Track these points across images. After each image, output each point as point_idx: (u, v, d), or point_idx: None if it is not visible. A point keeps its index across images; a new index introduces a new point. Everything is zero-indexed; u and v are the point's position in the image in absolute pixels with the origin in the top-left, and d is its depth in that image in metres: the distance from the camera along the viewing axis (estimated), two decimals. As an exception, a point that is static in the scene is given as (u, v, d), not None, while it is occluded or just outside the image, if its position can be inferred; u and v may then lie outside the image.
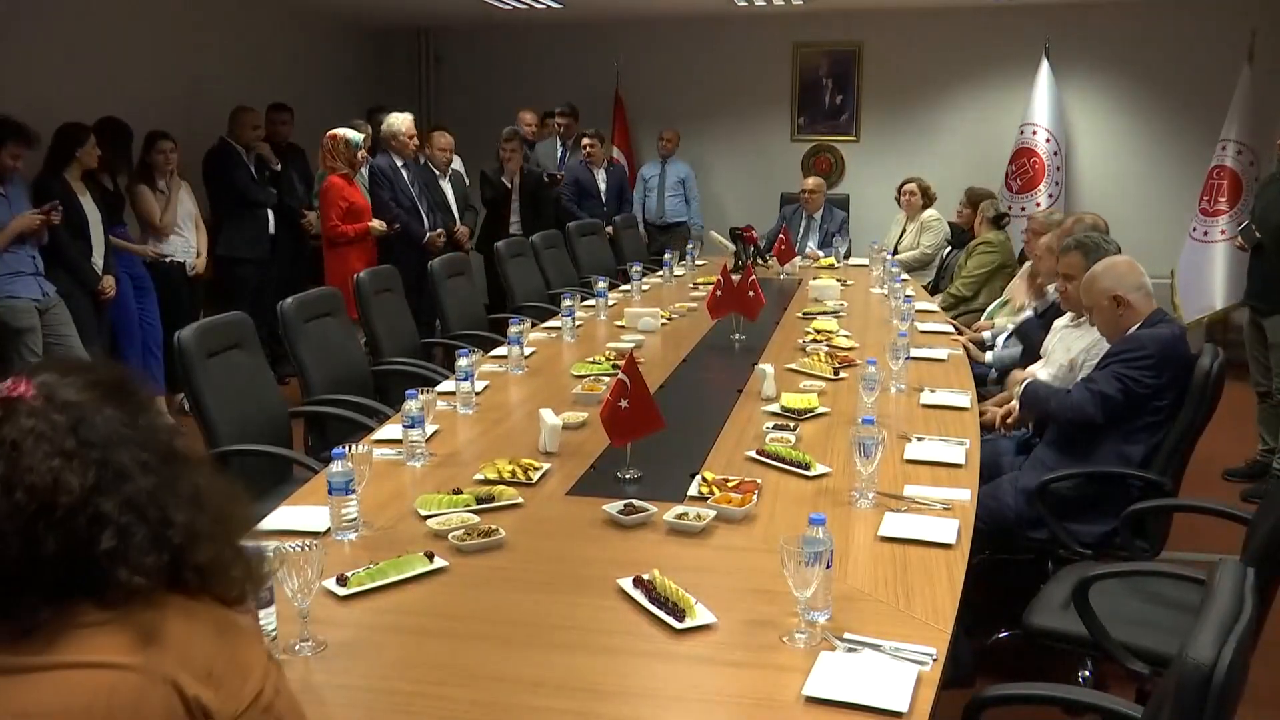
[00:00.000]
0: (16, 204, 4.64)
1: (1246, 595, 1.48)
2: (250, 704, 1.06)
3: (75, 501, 1.01)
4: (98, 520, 1.02)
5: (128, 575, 1.02)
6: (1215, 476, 4.79)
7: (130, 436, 1.07)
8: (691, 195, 8.08)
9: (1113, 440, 2.96)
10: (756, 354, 3.90)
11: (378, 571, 1.97)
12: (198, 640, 1.05)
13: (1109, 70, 7.68)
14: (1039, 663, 2.81)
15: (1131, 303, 3.01)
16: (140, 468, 1.06)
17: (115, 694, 0.99)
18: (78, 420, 1.05)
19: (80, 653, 1.00)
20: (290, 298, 3.64)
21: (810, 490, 2.47)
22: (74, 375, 1.09)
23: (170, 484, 1.08)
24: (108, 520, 1.02)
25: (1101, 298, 3.05)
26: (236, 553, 1.14)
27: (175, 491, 1.08)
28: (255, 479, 3.03)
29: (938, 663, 1.67)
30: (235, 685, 1.06)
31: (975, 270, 5.72)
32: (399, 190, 6.06)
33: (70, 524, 1.01)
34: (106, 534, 1.02)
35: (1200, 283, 6.74)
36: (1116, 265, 3.10)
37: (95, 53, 5.86)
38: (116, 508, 1.03)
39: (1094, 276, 3.10)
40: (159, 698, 1.01)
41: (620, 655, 1.74)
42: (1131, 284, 3.03)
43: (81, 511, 1.02)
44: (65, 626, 1.01)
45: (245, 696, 1.06)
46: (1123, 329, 3.03)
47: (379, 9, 8.06)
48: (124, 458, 1.05)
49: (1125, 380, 2.90)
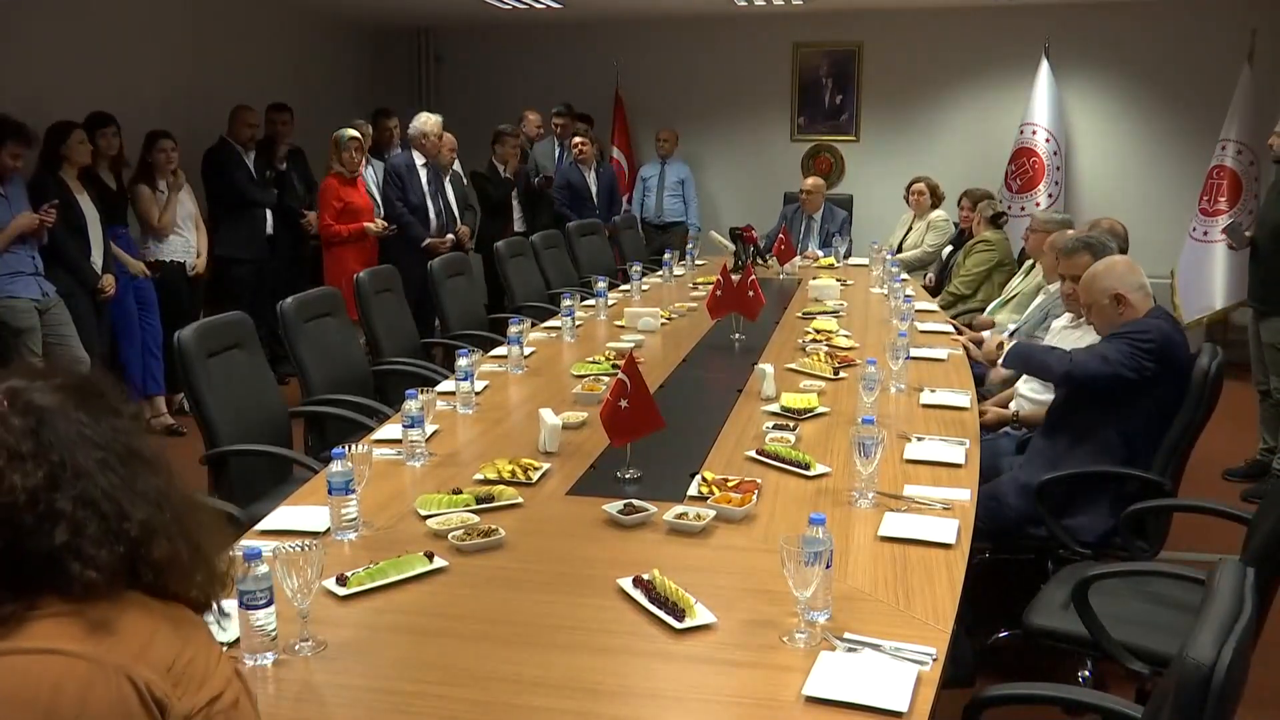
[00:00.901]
0: (16, 204, 4.64)
1: (1246, 595, 1.48)
2: (207, 704, 1.08)
3: (20, 501, 1.05)
4: (50, 516, 1.06)
5: (80, 569, 1.05)
6: (1215, 476, 4.79)
7: (92, 437, 1.11)
8: (690, 196, 8.08)
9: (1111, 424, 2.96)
10: (756, 354, 3.90)
11: (378, 571, 1.97)
12: (156, 635, 1.08)
13: (1109, 70, 7.68)
14: (1039, 663, 2.81)
15: (1132, 302, 3.02)
16: (100, 466, 1.10)
17: (62, 682, 1.01)
18: (39, 422, 1.09)
19: (33, 639, 1.03)
20: (290, 298, 3.64)
21: (810, 490, 2.47)
22: (43, 380, 1.14)
23: (130, 482, 1.12)
24: (60, 516, 1.06)
25: (1102, 296, 3.05)
26: (196, 553, 1.17)
27: (134, 489, 1.12)
28: (255, 479, 3.04)
29: (938, 663, 1.67)
30: (193, 683, 1.08)
31: (974, 269, 5.74)
32: (409, 189, 6.08)
33: (16, 521, 1.05)
34: (60, 529, 1.06)
35: (1200, 283, 6.74)
36: (1117, 264, 3.11)
37: (96, 53, 5.86)
38: (71, 504, 1.07)
39: (1095, 275, 3.10)
40: (108, 688, 1.02)
41: (620, 655, 1.74)
42: (1132, 283, 3.04)
43: (30, 510, 1.05)
44: (27, 618, 1.04)
45: (203, 696, 1.08)
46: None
47: (379, 9, 8.05)
48: (84, 458, 1.10)
49: (1130, 355, 2.90)
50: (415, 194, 6.09)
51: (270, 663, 1.68)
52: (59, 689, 1.01)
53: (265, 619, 1.67)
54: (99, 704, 1.02)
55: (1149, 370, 2.90)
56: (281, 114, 6.55)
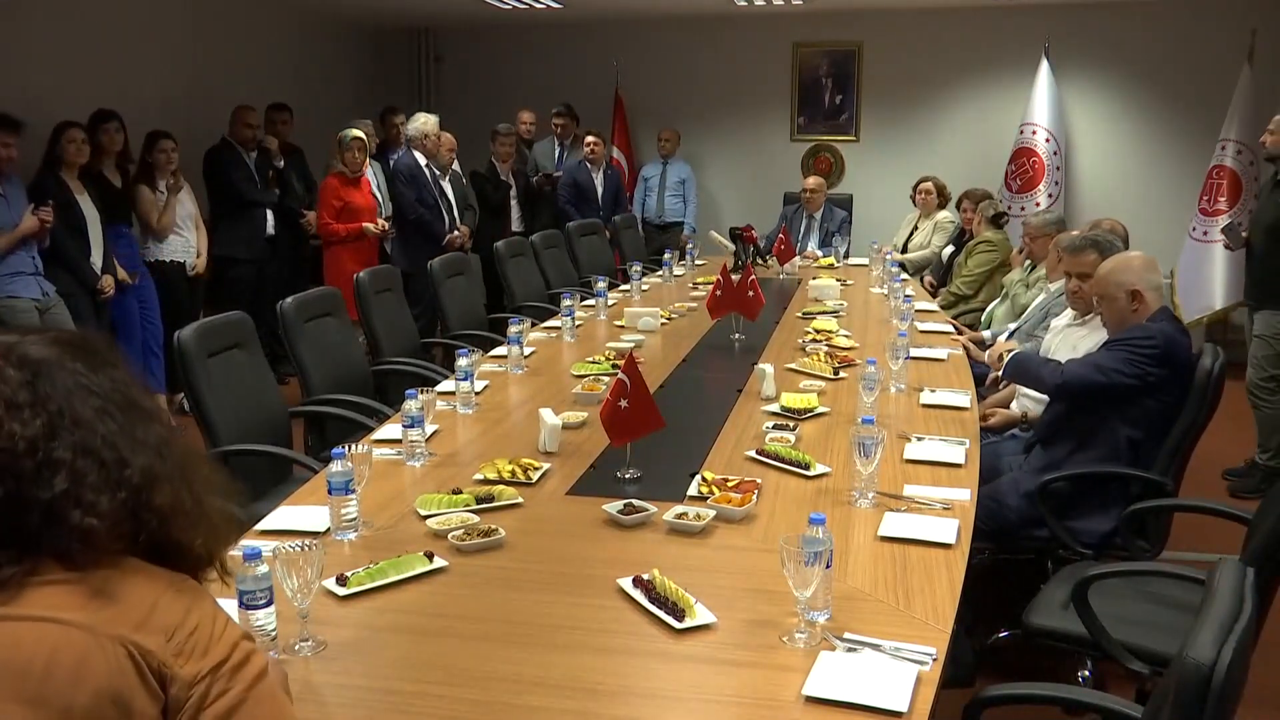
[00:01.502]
0: (15, 204, 4.64)
1: (1246, 595, 1.48)
2: (211, 670, 1.07)
3: (19, 448, 1.04)
4: (49, 465, 1.05)
5: (80, 516, 1.04)
6: (1215, 476, 4.79)
7: (89, 386, 1.10)
8: (690, 196, 8.08)
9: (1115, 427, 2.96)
10: (756, 354, 3.90)
11: (378, 571, 1.97)
12: (158, 604, 1.07)
13: (1109, 70, 7.68)
14: (1039, 663, 2.81)
15: (1147, 300, 3.03)
16: (98, 414, 1.10)
17: (58, 650, 1.00)
18: (35, 374, 1.08)
19: (31, 606, 1.02)
20: (290, 298, 3.64)
21: (810, 490, 2.47)
22: (37, 334, 1.13)
23: (129, 430, 1.11)
24: (60, 464, 1.06)
25: (1118, 290, 3.05)
26: (199, 503, 1.16)
27: (134, 437, 1.11)
28: (255, 479, 3.03)
29: (938, 662, 1.67)
30: (197, 650, 1.06)
31: (976, 269, 5.75)
32: (423, 189, 6.10)
33: (16, 468, 1.04)
34: (59, 477, 1.05)
35: (1200, 282, 6.74)
36: (1136, 261, 3.11)
37: (96, 52, 5.86)
38: (70, 451, 1.06)
39: (1114, 268, 3.10)
40: (105, 657, 1.02)
41: (620, 655, 1.74)
42: (1150, 282, 3.05)
43: (29, 457, 1.05)
44: (27, 584, 1.03)
45: (207, 663, 1.07)
46: (1130, 324, 3.04)
47: (379, 9, 8.05)
48: (82, 406, 1.09)
49: (1130, 363, 2.90)
50: (428, 193, 6.11)
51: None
52: (54, 659, 1.00)
53: (265, 619, 1.67)
54: (95, 675, 1.01)
55: (1153, 376, 2.90)
56: (281, 113, 6.57)
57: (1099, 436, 2.98)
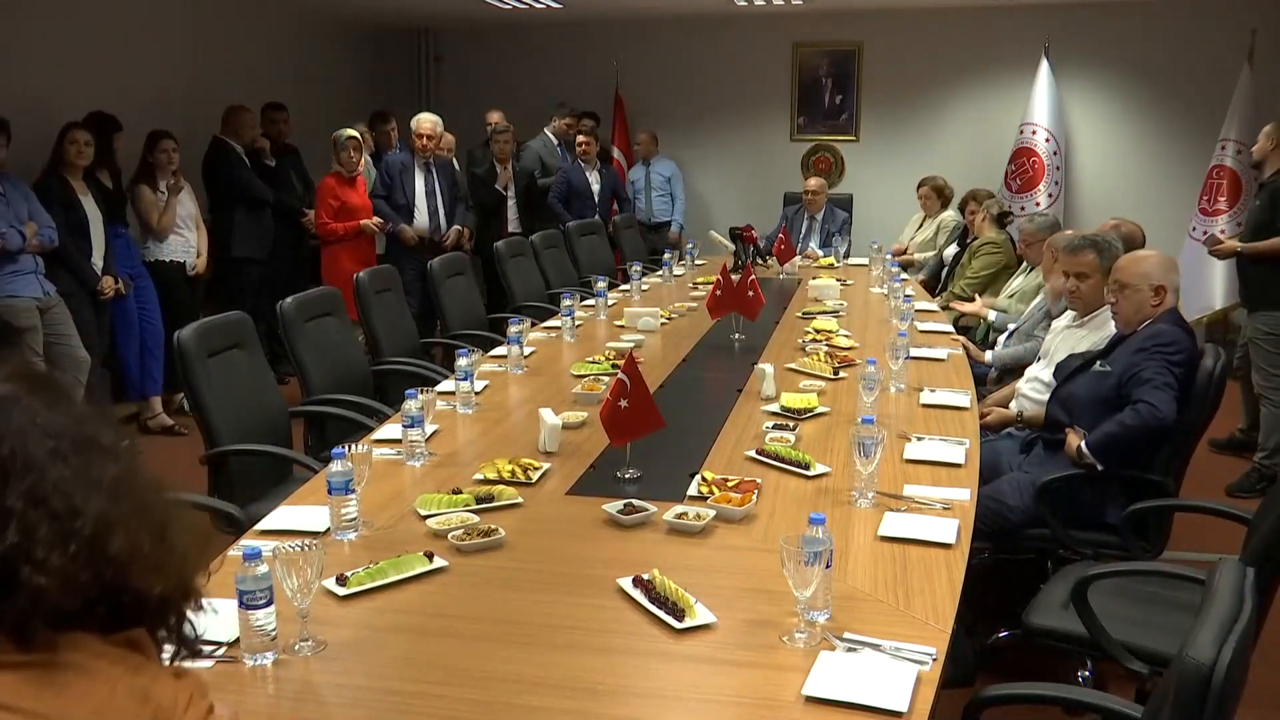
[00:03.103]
0: (16, 205, 4.64)
1: (1246, 595, 1.48)
2: None
3: None
4: (1, 515, 0.98)
5: (30, 573, 0.97)
6: (1216, 476, 4.79)
7: (43, 425, 1.03)
8: (677, 194, 8.05)
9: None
10: (756, 354, 3.90)
11: (377, 571, 1.97)
12: (115, 690, 1.00)
13: (1109, 70, 7.68)
14: (1039, 663, 2.81)
15: (1167, 299, 3.04)
16: (51, 456, 1.02)
17: None
18: None
19: None
20: (290, 298, 3.63)
21: (810, 490, 2.47)
22: None
23: (82, 473, 1.03)
24: (10, 514, 0.98)
25: (1144, 282, 3.06)
26: (158, 541, 1.08)
27: (88, 479, 1.03)
28: (255, 479, 3.04)
29: (938, 662, 1.67)
30: None
31: (980, 271, 5.68)
32: (395, 188, 6.13)
33: None
34: (10, 530, 0.98)
35: (1200, 283, 6.73)
36: (1160, 259, 3.14)
37: (96, 53, 5.86)
38: (21, 501, 0.99)
39: (1140, 260, 3.13)
40: None
41: (620, 655, 1.74)
42: (1173, 281, 3.09)
43: None
44: None
45: None
46: (1142, 319, 3.06)
47: (379, 9, 8.05)
48: (34, 447, 1.02)
49: (1176, 372, 2.91)
50: (402, 192, 6.13)
51: (270, 663, 1.68)
52: None
53: (265, 619, 1.67)
54: None
55: (1175, 384, 2.92)
56: (278, 113, 6.57)
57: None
